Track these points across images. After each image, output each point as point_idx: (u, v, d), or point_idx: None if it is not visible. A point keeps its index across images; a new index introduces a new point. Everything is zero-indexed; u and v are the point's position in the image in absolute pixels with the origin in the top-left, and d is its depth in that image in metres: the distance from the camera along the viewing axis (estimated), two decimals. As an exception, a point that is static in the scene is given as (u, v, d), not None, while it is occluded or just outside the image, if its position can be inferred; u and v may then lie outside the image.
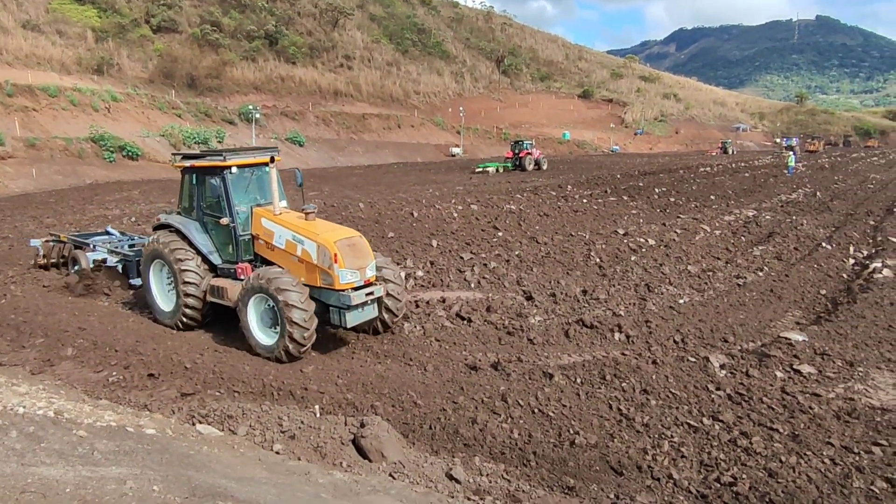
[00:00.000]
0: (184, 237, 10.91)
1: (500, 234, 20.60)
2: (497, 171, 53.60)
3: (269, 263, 10.29)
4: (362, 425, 6.60)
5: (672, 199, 29.98)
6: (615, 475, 6.65)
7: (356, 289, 9.55)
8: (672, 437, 7.25)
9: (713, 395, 8.29)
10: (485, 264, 16.16)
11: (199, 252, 10.79)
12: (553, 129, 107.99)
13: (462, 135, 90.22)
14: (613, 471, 6.70)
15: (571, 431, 7.27)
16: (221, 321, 11.03)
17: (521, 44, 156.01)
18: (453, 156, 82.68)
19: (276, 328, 9.53)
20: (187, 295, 10.59)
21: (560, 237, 20.09)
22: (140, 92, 64.95)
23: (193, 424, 6.65)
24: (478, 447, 6.96)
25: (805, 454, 6.75)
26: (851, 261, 17.33)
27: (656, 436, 7.29)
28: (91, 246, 14.42)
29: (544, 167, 57.10)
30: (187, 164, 11.09)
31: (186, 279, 10.53)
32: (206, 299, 10.69)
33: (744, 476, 6.37)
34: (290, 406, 7.68)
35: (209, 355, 9.52)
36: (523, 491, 5.98)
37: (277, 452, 6.17)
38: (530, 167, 55.00)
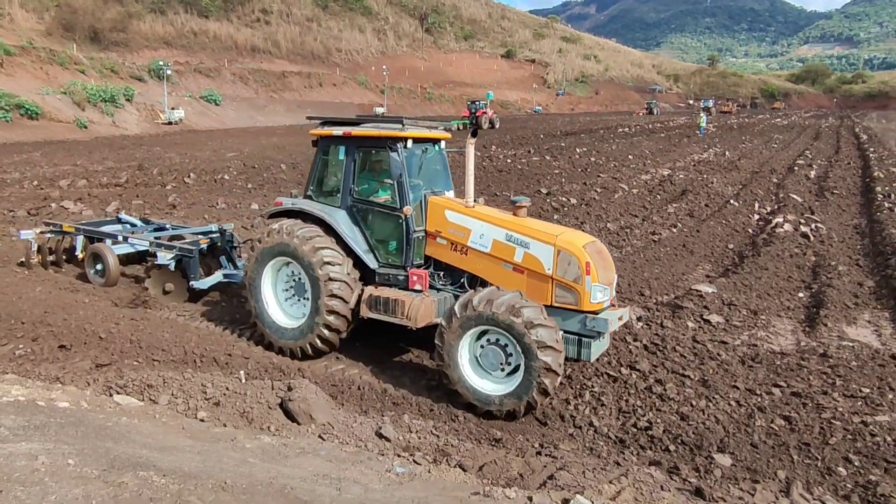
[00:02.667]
0: (329, 231, 8.14)
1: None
2: (458, 128, 55.17)
3: (450, 270, 8.04)
4: (290, 389, 6.54)
5: (592, 160, 30.73)
6: (539, 425, 6.92)
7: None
8: (593, 387, 7.58)
9: (631, 346, 8.69)
10: (411, 225, 16.14)
11: (349, 251, 8.13)
12: (477, 89, 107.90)
13: (386, 94, 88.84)
14: (538, 421, 6.97)
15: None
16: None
17: (444, 1, 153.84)
18: (377, 115, 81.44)
19: (500, 370, 7.01)
20: (332, 311, 7.88)
21: (485, 196, 20.23)
22: (37, 46, 60.06)
23: (111, 395, 6.39)
24: (407, 406, 7.06)
25: (713, 398, 7.21)
26: (756, 216, 18.40)
27: (578, 387, 7.60)
28: (120, 238, 11.28)
29: (497, 125, 60.13)
30: (336, 132, 8.26)
31: (335, 289, 7.85)
32: (354, 315, 8.12)
33: (658, 420, 6.76)
34: (213, 373, 7.49)
35: (125, 324, 9.12)
36: (452, 445, 6.12)
37: (202, 420, 6.04)
38: (486, 126, 57.71)
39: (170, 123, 55.94)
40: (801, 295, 11.45)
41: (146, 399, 6.28)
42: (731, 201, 20.35)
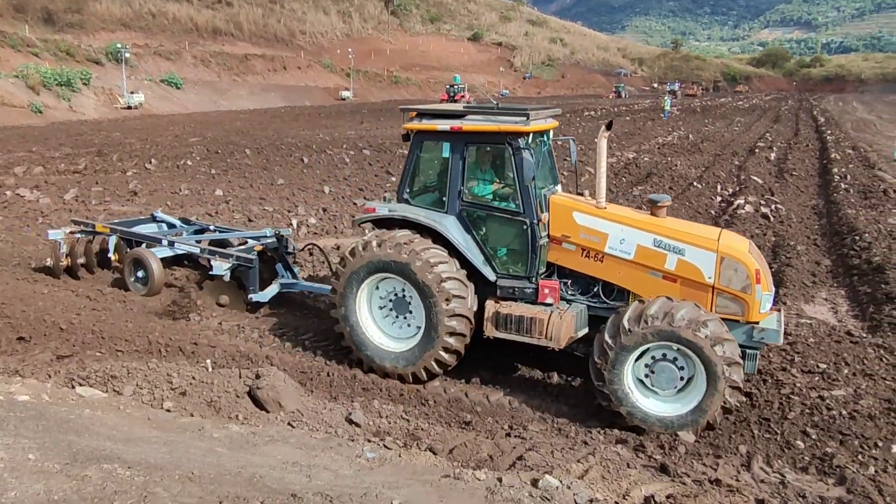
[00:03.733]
0: (439, 240, 7.17)
1: (393, 179, 20.46)
2: None
3: (578, 277, 7.28)
4: (258, 377, 6.48)
5: (559, 143, 30.85)
6: (510, 408, 7.00)
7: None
8: (562, 369, 7.70)
9: (597, 328, 8.81)
10: (379, 210, 16.04)
11: (464, 263, 7.21)
12: (444, 72, 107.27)
13: (352, 78, 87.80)
14: (508, 405, 7.05)
15: (466, 371, 7.56)
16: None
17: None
18: (343, 99, 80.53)
19: (672, 389, 6.44)
20: (453, 333, 6.97)
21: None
22: (-15, 27, 57.80)
23: (73, 388, 6.26)
24: (376, 391, 7.07)
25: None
26: (719, 198, 18.76)
27: (547, 369, 7.71)
28: (165, 242, 10.10)
29: None
30: (442, 126, 7.15)
31: (456, 308, 6.93)
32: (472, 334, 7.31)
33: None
34: (179, 362, 7.38)
35: (87, 314, 8.92)
36: (422, 429, 6.16)
37: (168, 410, 5.96)
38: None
39: (129, 108, 54.48)
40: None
41: (110, 390, 6.16)
42: (695, 183, 20.69)
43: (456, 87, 63.59)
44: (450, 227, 7.18)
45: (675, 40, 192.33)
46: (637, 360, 6.40)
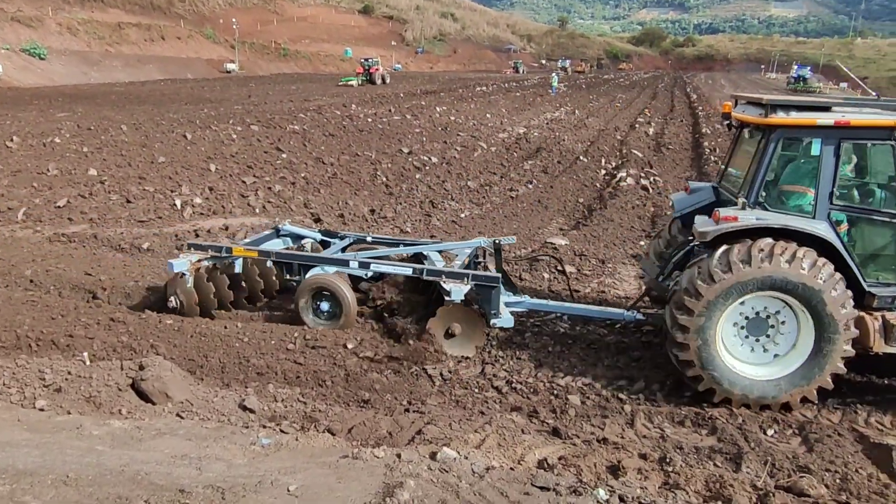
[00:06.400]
0: (824, 251, 6.21)
1: (284, 155, 19.83)
2: (359, 83, 59.20)
3: None
4: (141, 368, 6.14)
5: (452, 118, 31.09)
6: (408, 384, 7.04)
7: None
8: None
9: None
10: (269, 188, 15.54)
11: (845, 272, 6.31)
12: (334, 45, 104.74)
13: (237, 49, 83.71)
14: (406, 380, 7.08)
15: (362, 348, 7.52)
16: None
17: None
18: (229, 72, 76.71)
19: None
20: (847, 356, 6.15)
21: (346, 157, 19.92)
22: None
23: (-75, 392, 5.67)
24: (271, 374, 6.88)
25: (567, 343, 7.72)
26: (603, 172, 19.65)
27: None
28: (354, 264, 8.03)
29: (388, 81, 63.95)
30: (823, 119, 6.20)
31: (853, 332, 6.13)
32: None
33: (519, 369, 7.17)
34: (53, 357, 6.85)
35: (-61, 310, 8.05)
36: (320, 410, 6.09)
37: (41, 409, 5.53)
38: (379, 81, 62.13)
39: (-18, 79, 49.14)
40: (642, 243, 12.44)
41: (-30, 392, 5.63)
42: (581, 158, 21.54)
43: (370, 59, 66.72)
44: (830, 235, 6.26)
45: (561, 18, 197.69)
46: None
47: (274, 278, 8.84)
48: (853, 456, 5.58)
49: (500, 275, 7.83)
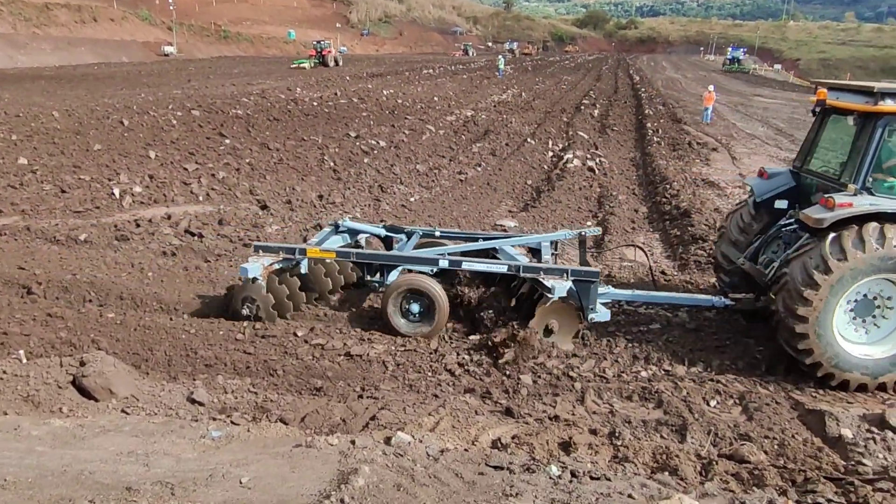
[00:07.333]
0: None
1: (227, 141, 19.32)
2: (312, 66, 60.29)
3: None
4: (83, 364, 5.92)
5: (400, 101, 30.84)
6: (361, 370, 7.00)
7: None
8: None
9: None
10: (213, 174, 15.13)
11: None
12: (277, 27, 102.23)
13: (175, 32, 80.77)
14: (359, 366, 7.05)
15: (317, 337, 7.44)
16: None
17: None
18: (167, 55, 74.03)
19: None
20: None
21: (292, 142, 19.55)
22: None
23: None
24: (220, 366, 6.73)
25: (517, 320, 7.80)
26: (550, 153, 19.86)
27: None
28: (444, 262, 7.69)
29: (340, 63, 65.41)
30: None
31: None
32: None
33: (471, 350, 7.21)
34: (-15, 356, 6.55)
35: None
36: (271, 400, 6.00)
37: (-25, 411, 5.28)
38: (332, 63, 63.23)
39: None
40: (589, 223, 12.67)
41: None
42: (529, 140, 21.70)
43: (322, 42, 67.71)
44: None
45: (506, 0, 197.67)
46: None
47: (339, 276, 8.49)
48: (790, 422, 5.85)
49: (598, 269, 7.67)
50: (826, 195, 6.51)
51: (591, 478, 4.19)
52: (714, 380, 6.68)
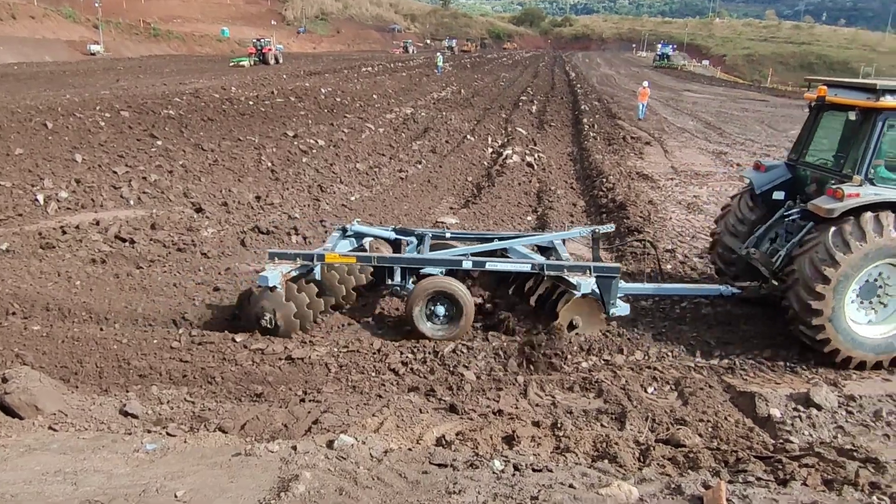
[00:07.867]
0: None
1: (159, 142, 18.67)
2: (252, 64, 59.63)
3: None
4: (5, 380, 5.61)
5: (338, 100, 30.49)
6: (303, 374, 6.89)
7: None
8: (353, 324, 7.79)
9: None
10: (144, 178, 14.58)
11: None
12: (210, 25, 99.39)
13: (101, 30, 77.42)
14: (301, 370, 6.93)
15: (257, 342, 7.28)
16: None
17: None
18: (93, 54, 70.87)
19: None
20: None
21: (228, 143, 19.05)
22: None
23: None
24: (155, 376, 6.50)
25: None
26: (490, 150, 20.02)
27: (338, 327, 7.73)
28: (468, 263, 7.78)
29: (281, 61, 64.41)
30: None
31: None
32: None
33: (415, 349, 7.21)
34: None
35: None
36: (209, 409, 5.84)
37: None
38: (272, 61, 62.13)
39: None
40: (529, 218, 12.84)
41: None
42: (468, 137, 21.82)
43: (262, 39, 66.89)
44: None
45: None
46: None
47: (353, 280, 8.25)
48: (722, 405, 6.09)
49: (619, 265, 7.93)
50: (834, 186, 6.88)
51: (534, 470, 4.25)
52: (651, 367, 6.89)
